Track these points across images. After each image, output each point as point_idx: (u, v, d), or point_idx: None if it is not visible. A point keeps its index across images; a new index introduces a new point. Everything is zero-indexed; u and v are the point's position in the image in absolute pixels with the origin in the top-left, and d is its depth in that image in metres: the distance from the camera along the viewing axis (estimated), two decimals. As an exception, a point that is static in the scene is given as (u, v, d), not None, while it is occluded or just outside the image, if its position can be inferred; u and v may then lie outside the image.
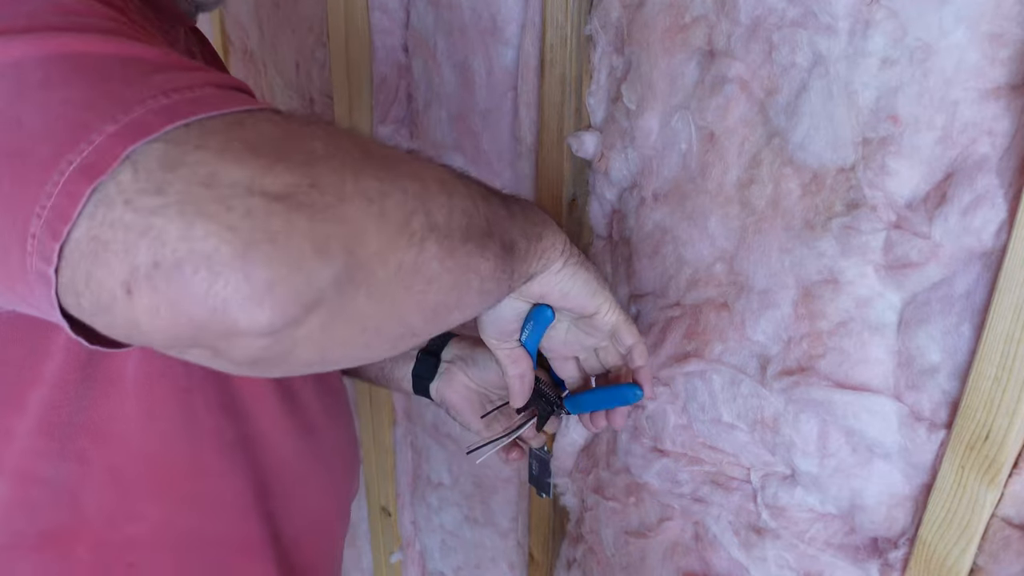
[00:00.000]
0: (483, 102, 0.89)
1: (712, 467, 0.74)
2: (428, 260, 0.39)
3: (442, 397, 0.78)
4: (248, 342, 0.33)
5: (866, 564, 0.65)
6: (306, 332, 0.34)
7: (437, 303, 0.40)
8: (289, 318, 0.33)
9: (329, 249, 0.33)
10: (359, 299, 0.35)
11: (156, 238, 0.31)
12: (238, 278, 0.31)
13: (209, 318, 0.31)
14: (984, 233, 0.51)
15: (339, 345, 0.37)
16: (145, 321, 0.32)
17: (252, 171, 0.32)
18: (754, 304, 0.66)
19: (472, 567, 1.26)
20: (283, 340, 0.34)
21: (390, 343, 0.40)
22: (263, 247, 0.31)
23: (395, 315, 0.38)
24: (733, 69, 0.62)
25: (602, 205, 0.81)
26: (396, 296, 0.37)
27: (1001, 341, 0.51)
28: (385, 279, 0.36)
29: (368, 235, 0.35)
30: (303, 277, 0.32)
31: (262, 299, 0.32)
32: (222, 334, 0.32)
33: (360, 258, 0.35)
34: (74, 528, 0.56)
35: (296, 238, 0.32)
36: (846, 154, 0.57)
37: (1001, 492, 0.54)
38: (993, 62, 0.49)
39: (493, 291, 0.47)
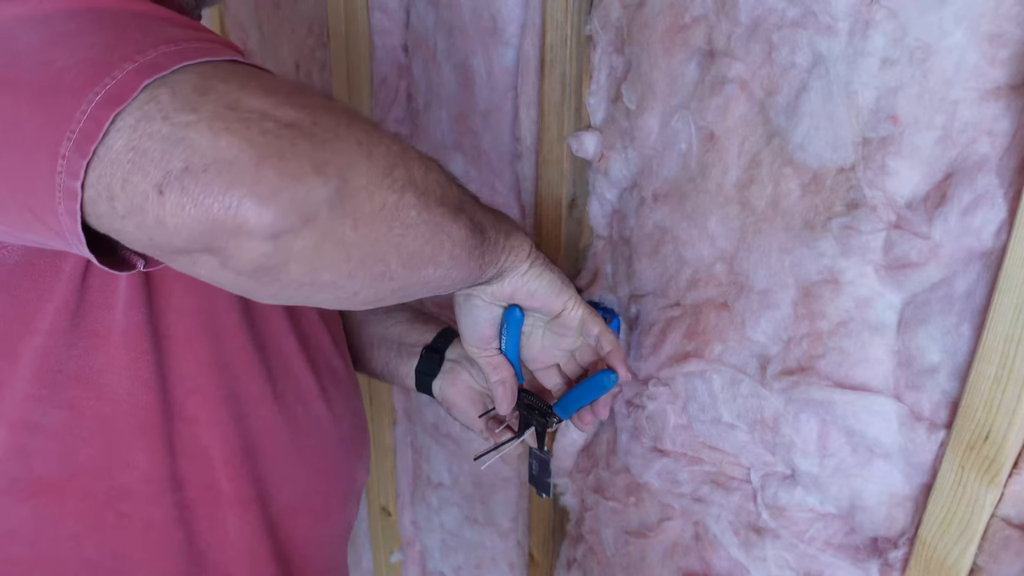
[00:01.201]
0: (483, 102, 0.89)
1: (712, 467, 0.74)
2: (407, 207, 0.45)
3: (444, 395, 0.79)
4: (253, 245, 0.39)
5: (866, 564, 0.65)
6: (301, 247, 0.40)
7: (413, 251, 0.46)
8: (289, 223, 0.39)
9: (326, 171, 0.40)
10: (347, 227, 0.42)
11: (188, 147, 0.37)
12: (252, 182, 0.37)
13: (225, 215, 0.37)
14: (984, 233, 0.51)
15: (327, 267, 0.42)
16: (171, 220, 0.37)
17: (268, 103, 0.39)
18: (754, 304, 0.66)
19: (472, 567, 1.26)
20: (281, 249, 0.39)
21: (371, 280, 0.45)
22: (274, 160, 0.38)
23: (376, 251, 0.44)
24: (733, 69, 0.62)
25: (602, 205, 0.81)
26: (378, 232, 0.43)
27: (1001, 341, 0.51)
28: (370, 214, 0.43)
29: (358, 169, 0.41)
30: (304, 190, 0.39)
31: (269, 201, 0.38)
32: (233, 231, 0.38)
33: (351, 187, 0.41)
34: (67, 476, 0.57)
35: (301, 157, 0.39)
36: (846, 154, 0.57)
37: (1001, 492, 0.54)
38: (993, 62, 0.49)
39: (463, 261, 0.52)
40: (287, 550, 0.69)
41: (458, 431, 1.14)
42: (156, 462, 0.59)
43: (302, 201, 0.39)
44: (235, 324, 0.61)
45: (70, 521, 0.59)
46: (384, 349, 0.83)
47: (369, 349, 0.85)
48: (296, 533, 0.70)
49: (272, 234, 0.39)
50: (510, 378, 0.70)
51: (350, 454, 0.75)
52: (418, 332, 0.81)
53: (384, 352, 0.83)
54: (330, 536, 0.75)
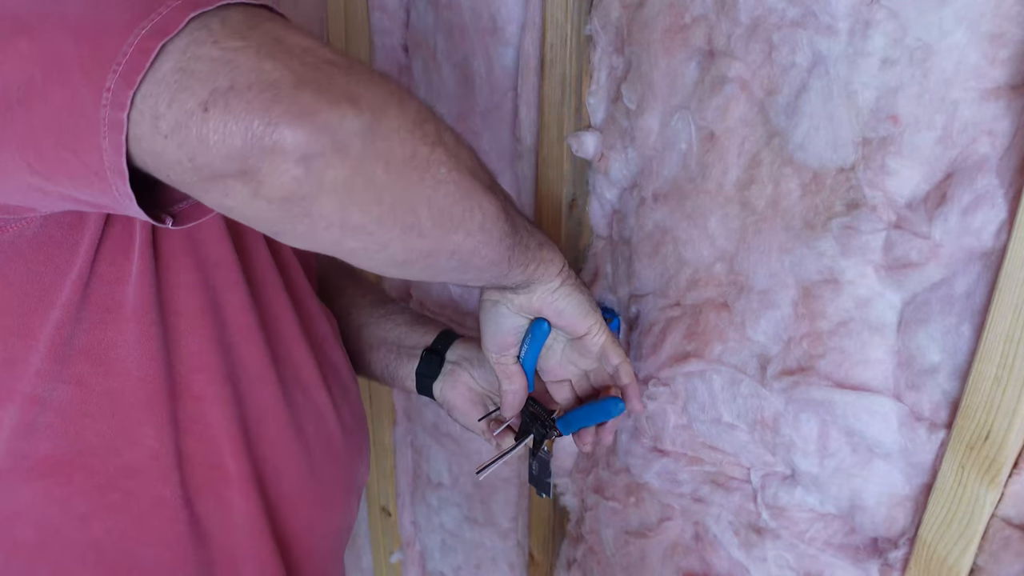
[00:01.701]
0: (483, 102, 0.89)
1: (712, 467, 0.74)
2: (437, 163, 0.46)
3: (445, 397, 0.78)
4: (286, 167, 0.40)
5: (866, 564, 0.65)
6: (332, 178, 0.41)
7: (443, 209, 0.47)
8: (321, 146, 0.40)
9: (360, 104, 0.41)
10: (378, 167, 0.43)
11: (235, 68, 0.39)
12: (290, 101, 0.39)
13: (263, 132, 0.39)
14: (984, 233, 0.51)
15: (358, 206, 0.43)
16: (213, 136, 0.39)
17: (309, 43, 0.42)
18: (754, 304, 0.66)
19: (472, 567, 1.26)
20: (313, 176, 0.41)
21: (401, 231, 0.46)
22: (313, 86, 0.40)
23: (407, 198, 0.45)
24: (733, 69, 0.62)
25: (602, 205, 0.81)
26: (409, 179, 0.45)
27: (1001, 341, 0.51)
28: (402, 159, 0.44)
29: (390, 111, 0.43)
30: (337, 115, 0.40)
31: (304, 121, 0.40)
32: (269, 149, 0.39)
33: (383, 126, 0.42)
34: (74, 454, 0.58)
35: (337, 88, 0.41)
36: (846, 154, 0.57)
37: (1001, 492, 0.54)
38: (993, 62, 0.49)
39: (494, 240, 0.52)
40: (288, 537, 0.69)
41: (458, 431, 1.14)
42: (163, 439, 0.59)
43: (335, 127, 0.40)
44: (240, 303, 0.62)
45: (77, 501, 0.59)
46: (384, 351, 0.83)
47: (369, 351, 0.85)
48: (297, 521, 0.70)
49: (305, 155, 0.40)
50: (522, 390, 0.70)
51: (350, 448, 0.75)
52: (418, 334, 0.81)
53: (384, 354, 0.83)
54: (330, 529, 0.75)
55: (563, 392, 0.74)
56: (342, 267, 0.90)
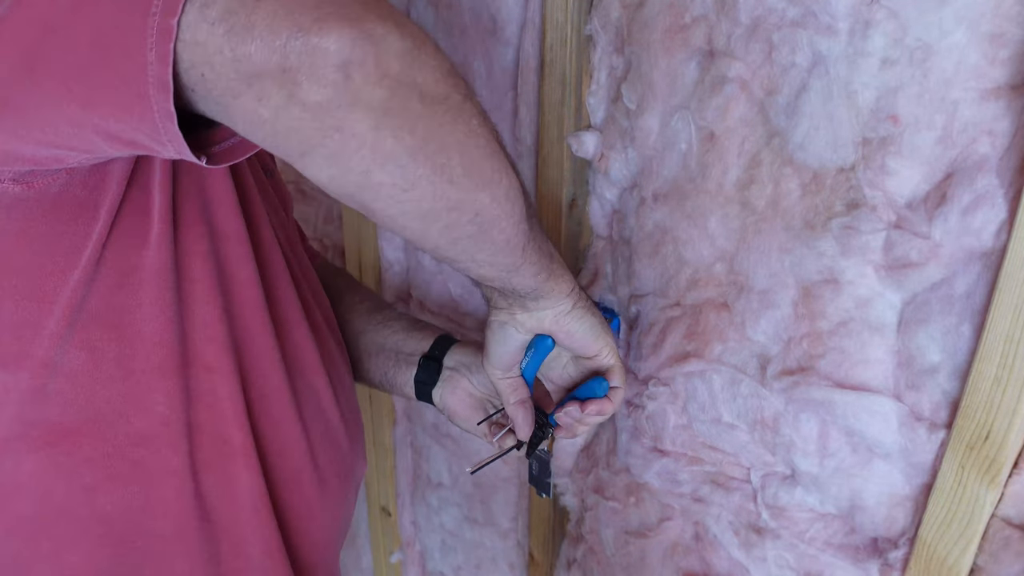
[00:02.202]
0: (483, 102, 0.89)
1: (712, 467, 0.74)
2: (471, 113, 0.46)
3: (444, 403, 0.78)
4: (326, 70, 0.40)
5: (866, 564, 0.65)
6: (369, 94, 0.41)
7: (475, 160, 0.47)
8: (363, 54, 0.40)
9: (404, 30, 0.42)
10: (415, 96, 0.43)
11: None
12: (343, 4, 0.40)
13: (310, 27, 0.39)
14: (984, 233, 0.51)
15: (391, 132, 0.43)
16: (260, 24, 0.39)
17: None
18: (754, 304, 0.66)
19: (472, 567, 1.26)
20: (351, 85, 0.40)
21: (431, 172, 0.45)
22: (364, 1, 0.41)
23: (441, 137, 0.45)
24: (733, 69, 0.62)
25: (602, 205, 0.81)
26: (444, 120, 0.45)
27: (1001, 341, 0.51)
28: (437, 97, 0.44)
29: (428, 50, 0.43)
30: (383, 30, 0.41)
31: (351, 24, 0.40)
32: (311, 48, 0.39)
33: (422, 57, 0.43)
34: (83, 420, 0.57)
35: (386, 10, 0.42)
36: (846, 154, 0.57)
37: (1001, 492, 0.54)
38: (993, 62, 0.49)
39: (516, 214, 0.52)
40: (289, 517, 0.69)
41: (458, 431, 1.14)
42: (174, 407, 0.59)
43: (380, 40, 0.41)
44: (248, 278, 0.62)
45: (84, 470, 0.58)
46: (382, 359, 0.83)
47: (367, 359, 0.84)
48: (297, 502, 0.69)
49: (346, 60, 0.40)
50: (528, 399, 0.70)
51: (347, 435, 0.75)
52: (415, 340, 0.81)
53: (382, 362, 0.83)
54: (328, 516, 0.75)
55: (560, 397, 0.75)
56: (339, 273, 0.89)
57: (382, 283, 1.18)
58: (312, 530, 0.72)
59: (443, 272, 1.05)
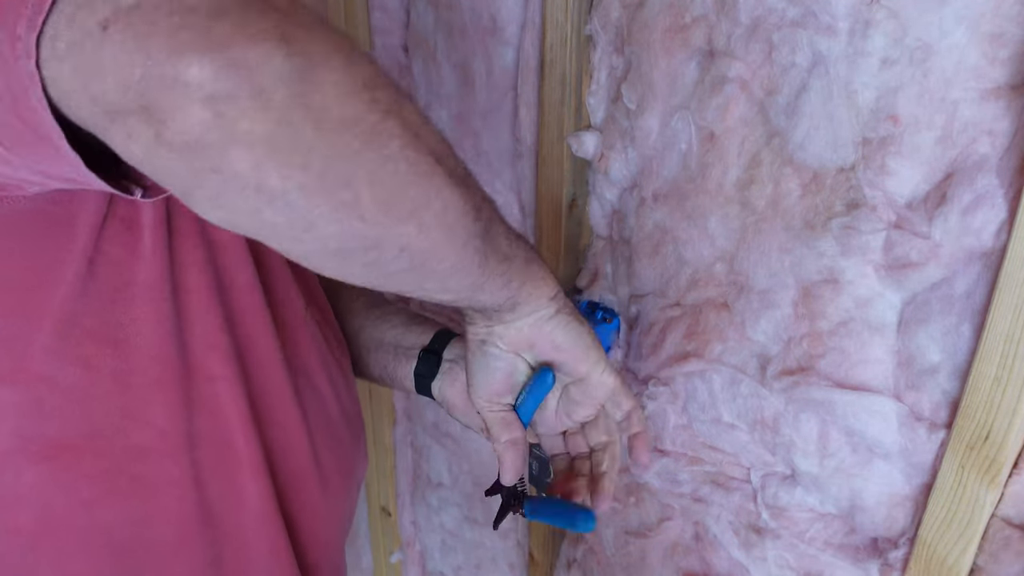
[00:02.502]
0: (483, 102, 0.89)
1: (712, 467, 0.74)
2: (388, 136, 0.39)
3: (444, 396, 0.78)
4: (192, 108, 0.34)
5: (866, 564, 0.65)
6: (247, 128, 0.35)
7: (391, 190, 0.40)
8: (233, 86, 0.34)
9: (291, 45, 0.35)
10: (307, 123, 0.36)
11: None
12: (204, 29, 0.34)
13: (165, 59, 0.34)
14: (984, 233, 0.51)
15: (277, 165, 0.36)
16: (109, 58, 0.34)
17: None
18: (754, 304, 0.66)
19: (472, 567, 1.26)
20: (223, 121, 0.35)
21: (333, 207, 0.39)
22: (234, 15, 0.34)
23: (343, 168, 0.38)
24: (733, 69, 0.62)
25: (602, 205, 0.81)
26: (348, 147, 0.38)
27: (1001, 341, 0.51)
28: (340, 120, 0.37)
29: (332, 63, 0.36)
30: (259, 53, 0.34)
31: (214, 53, 0.34)
32: (171, 82, 0.34)
33: (319, 75, 0.36)
34: (81, 436, 0.56)
35: (266, 22, 0.35)
36: (846, 154, 0.57)
37: (1001, 492, 0.54)
38: (993, 62, 0.49)
39: (459, 239, 0.45)
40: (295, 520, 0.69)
41: (458, 431, 1.14)
42: (173, 418, 0.58)
43: (254, 66, 0.34)
44: (247, 283, 0.61)
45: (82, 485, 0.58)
46: (381, 353, 0.83)
47: (367, 354, 0.85)
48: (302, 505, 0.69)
49: (213, 95, 0.34)
50: (523, 441, 0.61)
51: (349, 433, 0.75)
52: (415, 334, 0.81)
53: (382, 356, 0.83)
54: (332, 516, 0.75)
55: (555, 445, 0.69)
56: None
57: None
58: (316, 530, 0.72)
59: (443, 272, 1.05)
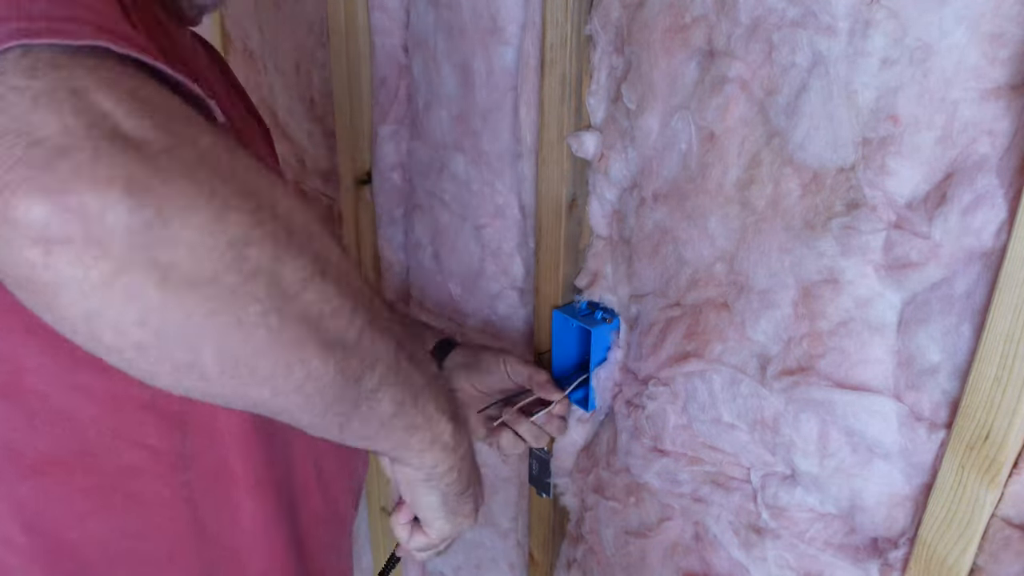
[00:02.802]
0: (483, 102, 0.89)
1: (712, 467, 0.74)
2: (249, 299, 0.35)
3: None
4: (20, 245, 0.31)
5: (866, 564, 0.65)
6: (78, 276, 0.32)
7: (241, 359, 0.37)
8: (64, 232, 0.31)
9: (141, 196, 0.32)
10: (150, 282, 0.33)
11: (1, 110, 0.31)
12: (42, 168, 0.31)
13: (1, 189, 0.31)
14: (984, 233, 0.51)
15: (109, 325, 0.34)
16: None
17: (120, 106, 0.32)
18: (754, 304, 0.66)
19: (472, 567, 1.26)
20: (53, 266, 0.32)
21: (169, 365, 0.36)
22: (82, 156, 0.31)
23: (184, 333, 0.35)
24: (733, 69, 0.62)
25: (602, 205, 0.81)
26: (195, 311, 0.35)
27: (1001, 341, 0.51)
28: (189, 280, 0.34)
29: (193, 219, 0.33)
30: (100, 203, 0.31)
31: (47, 194, 0.31)
32: (1, 218, 0.31)
33: (171, 230, 0.33)
34: (72, 454, 0.56)
35: (117, 168, 0.32)
36: (846, 154, 0.57)
37: (1001, 492, 0.54)
38: (993, 62, 0.49)
39: (315, 408, 0.42)
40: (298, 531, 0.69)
41: (458, 431, 1.14)
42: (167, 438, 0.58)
43: (92, 215, 0.31)
44: None
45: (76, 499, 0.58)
46: None
47: None
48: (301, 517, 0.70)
49: (42, 238, 0.31)
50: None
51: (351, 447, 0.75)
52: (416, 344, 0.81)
53: None
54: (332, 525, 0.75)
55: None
56: None
57: (382, 283, 1.18)
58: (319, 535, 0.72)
59: (443, 272, 1.05)
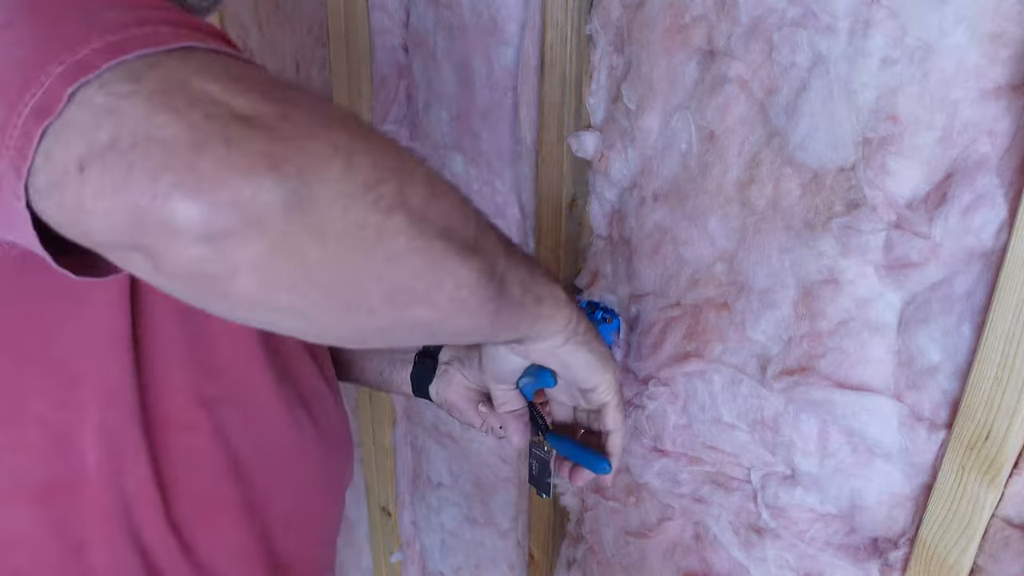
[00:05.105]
0: (483, 102, 0.89)
1: (712, 467, 0.74)
2: (395, 232, 0.37)
3: (442, 399, 0.79)
4: (183, 246, 0.33)
5: (866, 564, 0.65)
6: (249, 256, 0.34)
7: (400, 285, 0.39)
8: (227, 224, 0.33)
9: (283, 168, 0.33)
10: (310, 242, 0.35)
11: (119, 119, 0.32)
12: (185, 169, 0.32)
13: (150, 205, 0.32)
14: (984, 233, 0.51)
15: (285, 287, 0.36)
16: (91, 202, 0.33)
17: (225, 89, 0.34)
18: (754, 304, 0.66)
19: (472, 567, 1.26)
20: (223, 255, 0.33)
21: (343, 311, 0.39)
22: (218, 148, 0.32)
23: (350, 277, 0.37)
24: (733, 69, 0.62)
25: (602, 205, 0.81)
26: (352, 256, 0.36)
27: (1001, 341, 0.51)
28: (343, 232, 0.35)
29: (328, 175, 0.35)
30: (249, 186, 0.32)
31: (202, 195, 0.32)
32: (159, 227, 0.32)
33: (316, 194, 0.34)
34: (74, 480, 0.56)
35: (253, 150, 0.33)
36: (846, 154, 0.57)
37: (1001, 492, 0.54)
38: (993, 62, 0.49)
39: (470, 310, 0.44)
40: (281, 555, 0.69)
41: (458, 431, 1.14)
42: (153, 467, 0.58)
43: (247, 200, 0.33)
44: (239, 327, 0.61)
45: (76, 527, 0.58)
46: (377, 359, 0.83)
47: (361, 360, 0.84)
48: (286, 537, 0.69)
49: (205, 235, 0.33)
50: (521, 410, 0.68)
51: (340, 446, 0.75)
52: None
53: (377, 362, 0.83)
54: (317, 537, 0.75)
55: (562, 412, 0.72)
56: None
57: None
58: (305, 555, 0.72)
59: (443, 272, 1.05)
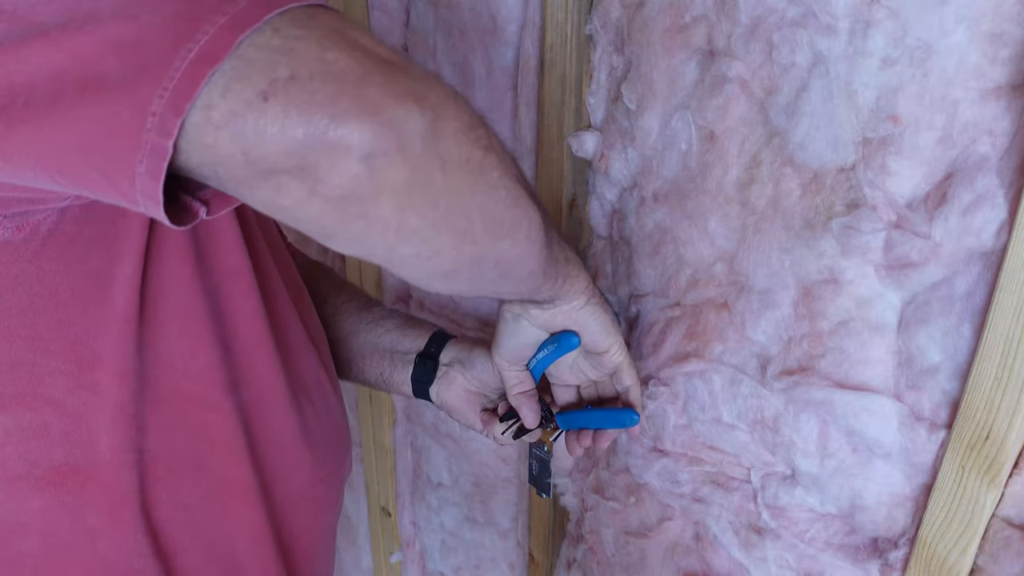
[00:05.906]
0: (483, 102, 0.89)
1: (712, 467, 0.74)
2: (491, 167, 0.45)
3: (442, 400, 0.79)
4: (347, 165, 0.39)
5: (866, 564, 0.65)
6: (392, 178, 0.40)
7: (495, 216, 0.47)
8: (385, 145, 0.39)
9: (424, 103, 0.40)
10: (437, 169, 0.42)
11: (297, 57, 0.38)
12: (356, 96, 0.38)
13: (327, 126, 0.38)
14: (984, 233, 0.51)
15: (415, 209, 0.42)
16: (272, 127, 0.38)
17: (368, 40, 0.41)
18: (754, 304, 0.66)
19: (472, 567, 1.26)
20: (374, 175, 0.39)
21: (453, 237, 0.45)
22: (379, 78, 0.39)
23: (462, 203, 0.44)
24: (733, 69, 0.62)
25: (602, 205, 0.81)
26: (465, 183, 0.44)
27: (1001, 341, 0.51)
28: (458, 162, 0.43)
29: (450, 112, 0.42)
30: (403, 113, 0.39)
31: (370, 117, 0.38)
32: (331, 145, 0.38)
33: (444, 126, 0.41)
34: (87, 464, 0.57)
35: (402, 84, 0.40)
36: (846, 154, 0.57)
37: (1001, 492, 0.54)
38: (993, 62, 0.49)
39: (536, 251, 0.52)
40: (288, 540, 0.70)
41: (458, 431, 1.14)
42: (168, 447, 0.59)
43: (401, 125, 0.39)
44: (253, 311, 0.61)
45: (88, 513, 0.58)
46: (377, 359, 0.83)
47: (360, 359, 0.84)
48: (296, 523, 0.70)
49: (368, 153, 0.39)
50: (534, 391, 0.72)
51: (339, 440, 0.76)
52: (410, 339, 0.81)
53: (377, 362, 0.83)
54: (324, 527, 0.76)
55: (567, 395, 0.76)
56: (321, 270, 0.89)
57: (382, 283, 1.18)
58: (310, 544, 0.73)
59: (443, 272, 1.05)
